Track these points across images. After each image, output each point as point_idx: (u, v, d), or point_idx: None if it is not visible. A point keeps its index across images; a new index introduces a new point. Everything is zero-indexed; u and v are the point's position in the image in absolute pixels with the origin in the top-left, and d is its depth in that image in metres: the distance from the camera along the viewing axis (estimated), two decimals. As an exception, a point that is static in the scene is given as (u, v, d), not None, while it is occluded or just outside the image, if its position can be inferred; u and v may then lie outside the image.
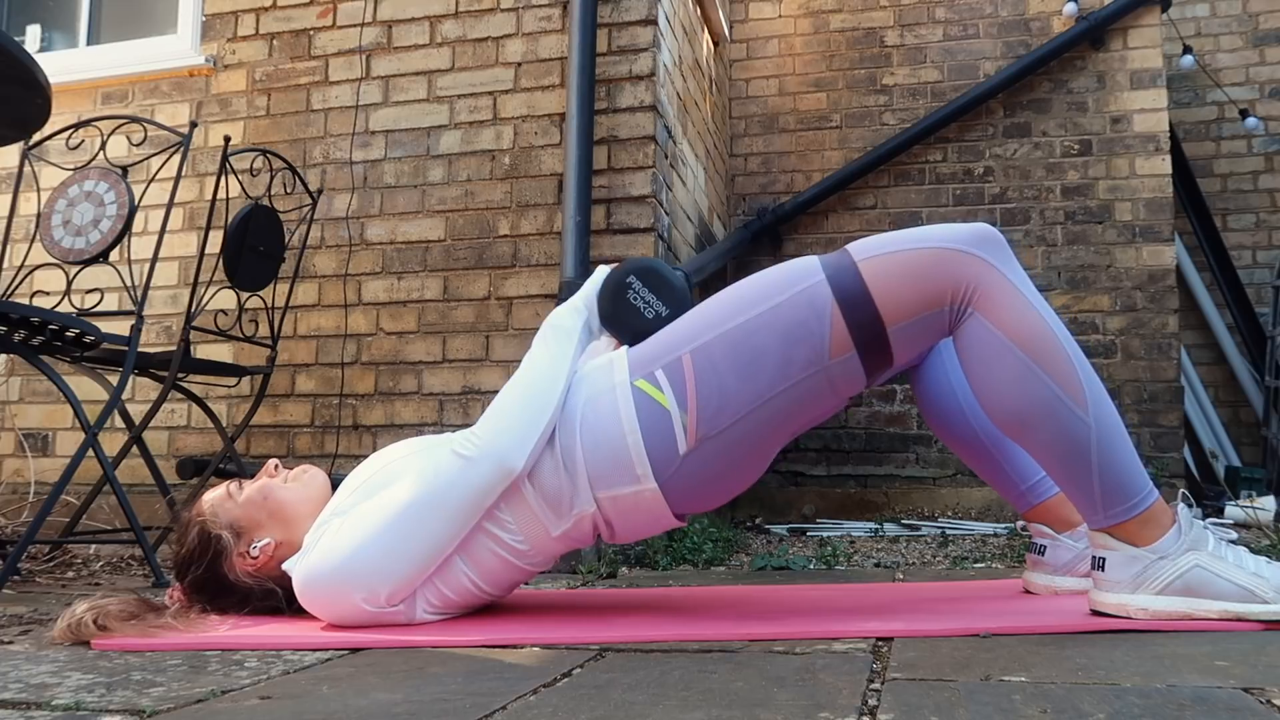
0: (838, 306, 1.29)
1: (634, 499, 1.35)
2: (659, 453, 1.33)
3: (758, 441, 1.35)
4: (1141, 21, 3.65)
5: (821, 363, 1.30)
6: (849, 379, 1.33)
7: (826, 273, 1.32)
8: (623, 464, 1.33)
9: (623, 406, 1.34)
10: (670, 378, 1.33)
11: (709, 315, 1.37)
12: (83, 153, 2.57)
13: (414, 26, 2.85)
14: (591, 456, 1.34)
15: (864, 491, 3.67)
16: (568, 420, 1.36)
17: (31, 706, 0.95)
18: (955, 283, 1.28)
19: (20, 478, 2.96)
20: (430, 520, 1.30)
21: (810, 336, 1.30)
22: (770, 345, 1.31)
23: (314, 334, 2.81)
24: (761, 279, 1.37)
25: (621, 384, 1.36)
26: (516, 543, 1.36)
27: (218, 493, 1.50)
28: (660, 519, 1.38)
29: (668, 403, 1.33)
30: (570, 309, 1.48)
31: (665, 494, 1.34)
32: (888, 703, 0.87)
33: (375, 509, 1.32)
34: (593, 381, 1.39)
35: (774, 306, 1.32)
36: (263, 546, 1.43)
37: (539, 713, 0.87)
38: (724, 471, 1.36)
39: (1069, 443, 1.24)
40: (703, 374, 1.32)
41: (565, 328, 1.45)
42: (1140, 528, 1.23)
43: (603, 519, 1.37)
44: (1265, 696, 0.86)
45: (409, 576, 1.31)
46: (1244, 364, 4.30)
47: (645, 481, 1.33)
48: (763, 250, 3.88)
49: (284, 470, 1.54)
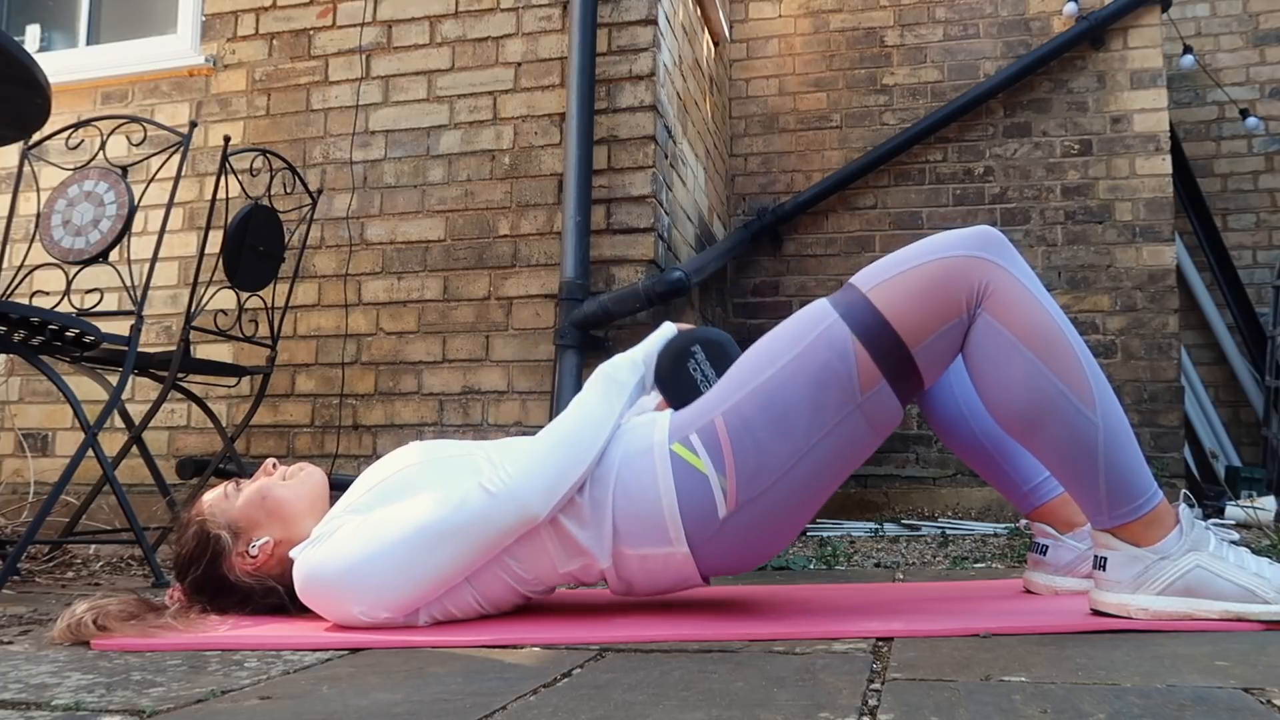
0: (857, 341, 1.28)
1: (664, 560, 1.34)
2: (696, 517, 1.31)
3: (801, 498, 1.33)
4: (1141, 21, 3.66)
5: (854, 401, 1.29)
6: (884, 412, 1.31)
7: (839, 311, 1.31)
8: (656, 526, 1.32)
9: (660, 469, 1.32)
10: (705, 441, 1.32)
11: (736, 376, 1.35)
12: (82, 153, 2.57)
13: (414, 26, 2.85)
14: (623, 515, 1.32)
15: (864, 491, 3.67)
16: (602, 473, 1.34)
17: (31, 706, 0.95)
18: (968, 289, 1.27)
19: (20, 478, 2.96)
20: (447, 549, 1.29)
21: (838, 378, 1.28)
22: (800, 395, 1.29)
23: (314, 334, 2.81)
24: (778, 334, 1.36)
25: (660, 445, 1.34)
26: (521, 571, 1.36)
27: (216, 493, 1.50)
28: (687, 580, 1.38)
29: (705, 467, 1.31)
30: (629, 364, 1.45)
31: (696, 558, 1.34)
32: (888, 703, 0.87)
33: (392, 521, 1.31)
34: (633, 439, 1.37)
35: (796, 356, 1.31)
36: (261, 545, 1.43)
37: (539, 713, 0.87)
38: (763, 533, 1.34)
39: (1076, 443, 1.24)
40: (737, 435, 1.30)
41: (621, 382, 1.42)
42: (1144, 528, 1.23)
43: (618, 576, 1.36)
44: (1265, 697, 0.86)
45: (412, 599, 1.30)
46: (1244, 364, 4.30)
47: (677, 545, 1.32)
48: (763, 250, 3.88)
49: (281, 468, 1.53)
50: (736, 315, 3.91)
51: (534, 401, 2.63)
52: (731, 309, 3.91)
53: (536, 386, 2.63)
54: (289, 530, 1.44)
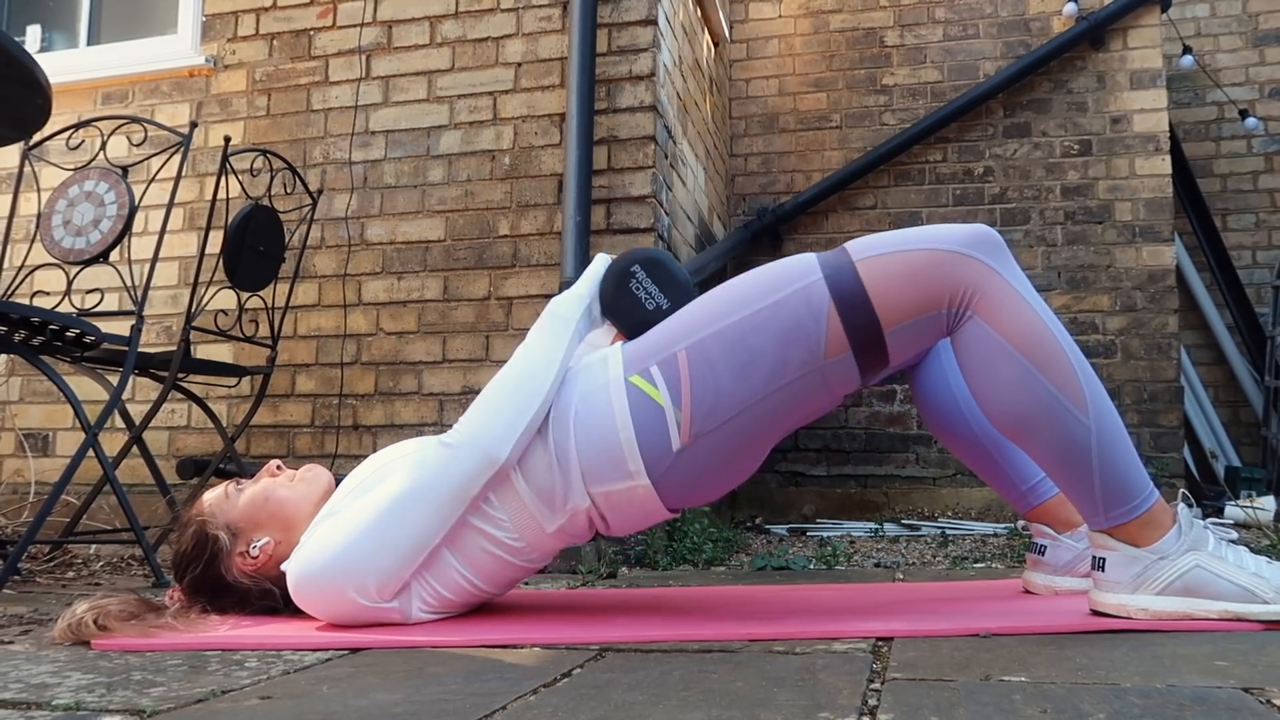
0: (835, 307, 1.29)
1: (627, 494, 1.35)
2: (652, 449, 1.32)
3: (752, 439, 1.34)
4: (1141, 21, 3.65)
5: (816, 363, 1.30)
6: (844, 378, 1.32)
7: (824, 272, 1.31)
8: (616, 460, 1.33)
9: (616, 403, 1.34)
10: (665, 374, 1.33)
11: (705, 312, 1.36)
12: (83, 153, 2.57)
13: (414, 26, 2.85)
14: (584, 452, 1.33)
15: (864, 491, 3.67)
16: (561, 414, 1.35)
17: (31, 706, 0.95)
18: (954, 285, 1.27)
19: (20, 478, 2.96)
20: (415, 511, 1.30)
21: (806, 337, 1.29)
22: (766, 344, 1.30)
23: (314, 334, 2.81)
24: (759, 275, 1.37)
25: (616, 380, 1.35)
26: (511, 540, 1.36)
27: (216, 493, 1.50)
28: (653, 513, 1.38)
29: (662, 399, 1.32)
30: (573, 297, 1.47)
31: (658, 489, 1.34)
32: (888, 703, 0.87)
33: (363, 506, 1.32)
34: (587, 376, 1.38)
35: (771, 304, 1.31)
36: (262, 546, 1.43)
37: (539, 713, 0.87)
38: (718, 468, 1.35)
39: (1069, 445, 1.24)
40: (698, 371, 1.32)
41: (564, 316, 1.43)
42: (1141, 529, 1.23)
43: (598, 514, 1.37)
44: (1265, 697, 0.86)
45: (396, 567, 1.31)
46: (1244, 364, 4.30)
47: (638, 478, 1.33)
48: (763, 250, 3.88)
49: (287, 470, 1.54)
50: (736, 315, 3.91)
51: (534, 401, 2.63)
52: (731, 309, 3.90)
53: (536, 386, 2.63)
54: (291, 532, 1.44)
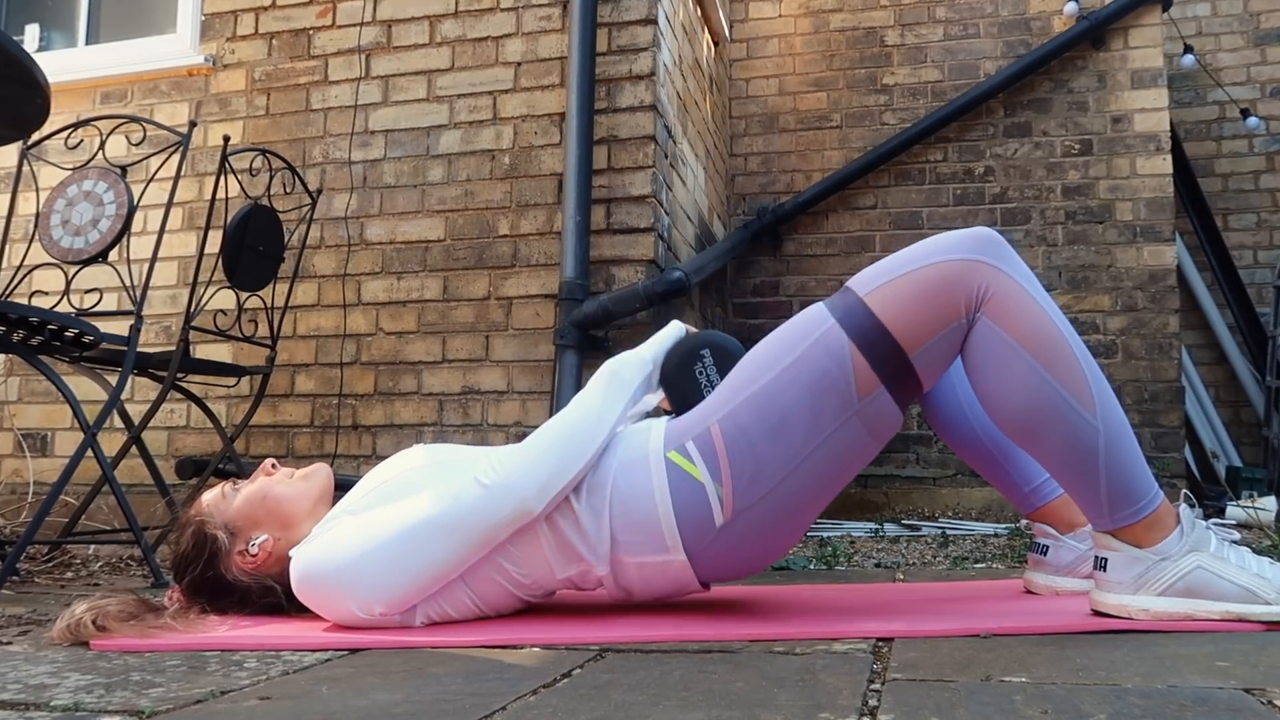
0: (855, 347, 1.27)
1: (661, 568, 1.33)
2: (692, 526, 1.30)
3: (798, 505, 1.32)
4: (1142, 21, 3.65)
5: (852, 407, 1.28)
6: (883, 418, 1.30)
7: (835, 316, 1.30)
8: (652, 534, 1.31)
9: (655, 477, 1.31)
10: (701, 449, 1.31)
11: (732, 383, 1.34)
12: (82, 152, 2.57)
13: (414, 26, 2.85)
14: (619, 523, 1.32)
15: (864, 491, 3.67)
16: (599, 479, 1.33)
17: (30, 707, 0.95)
18: (966, 293, 1.26)
19: (19, 478, 2.96)
20: (439, 543, 1.29)
21: (835, 384, 1.27)
22: (797, 401, 1.28)
23: (313, 334, 2.81)
24: (774, 339, 1.35)
25: (656, 453, 1.33)
26: (519, 575, 1.35)
27: (214, 493, 1.50)
28: (686, 586, 1.37)
29: (700, 475, 1.30)
30: (637, 362, 1.44)
31: (694, 566, 1.33)
32: (888, 703, 0.87)
33: (388, 518, 1.31)
34: (629, 446, 1.36)
35: (792, 361, 1.29)
36: (260, 544, 1.43)
37: (539, 713, 0.87)
38: (763, 539, 1.33)
39: (1077, 447, 1.23)
40: (733, 442, 1.29)
41: (624, 380, 1.40)
42: (1146, 530, 1.23)
43: (617, 584, 1.35)
44: (1266, 697, 0.86)
45: (406, 594, 1.30)
46: (1245, 364, 4.30)
47: (674, 553, 1.32)
48: (763, 250, 3.88)
49: (283, 468, 1.53)
50: (736, 315, 3.91)
51: (534, 401, 2.63)
52: (731, 309, 3.91)
53: (536, 386, 2.63)
54: (289, 530, 1.44)
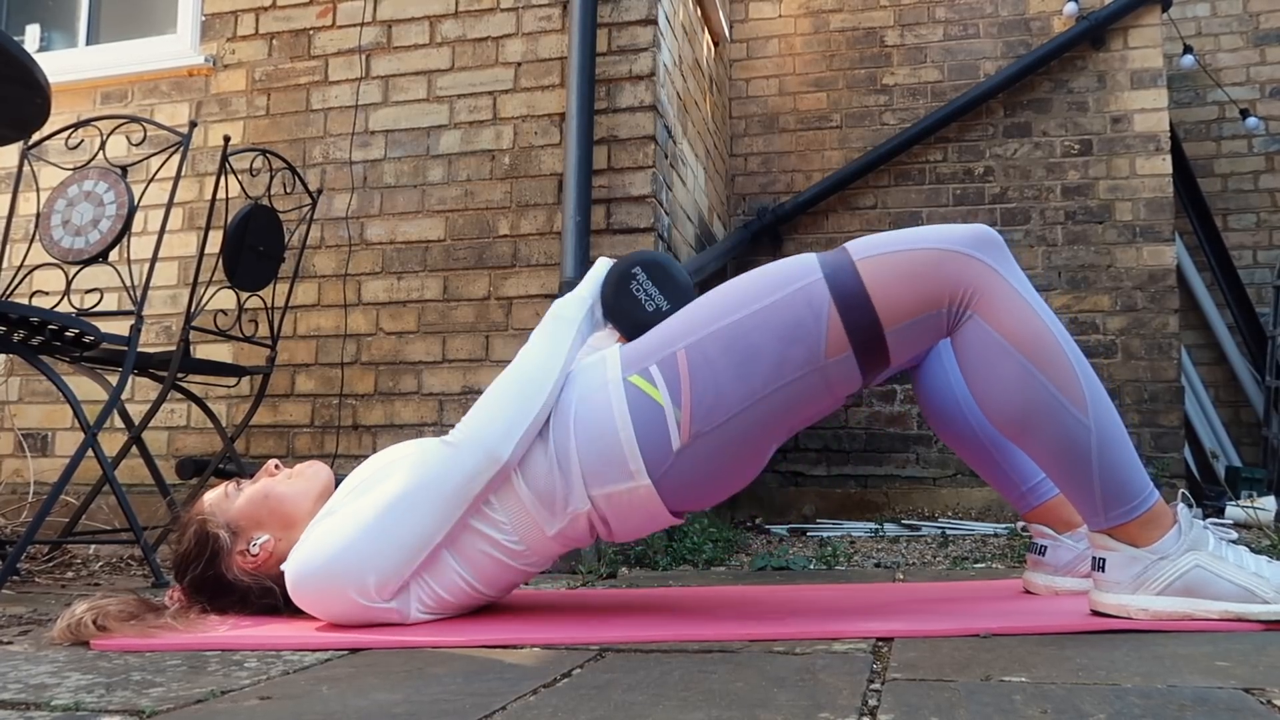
0: (835, 306, 1.28)
1: (628, 496, 1.34)
2: (652, 449, 1.32)
3: (752, 439, 1.34)
4: (1142, 21, 3.65)
5: (817, 362, 1.30)
6: (845, 379, 1.32)
7: (824, 271, 1.31)
8: (616, 461, 1.32)
9: (615, 403, 1.33)
10: (665, 373, 1.33)
11: (704, 311, 1.36)
12: (82, 153, 2.57)
13: (414, 26, 2.85)
14: (585, 453, 1.33)
15: (864, 491, 3.67)
16: (561, 416, 1.35)
17: (31, 707, 0.95)
18: (954, 285, 1.27)
19: (20, 478, 2.96)
20: (416, 509, 1.30)
21: (807, 336, 1.29)
22: (766, 343, 1.30)
23: (314, 334, 2.81)
24: (759, 275, 1.36)
25: (614, 380, 1.35)
26: (511, 543, 1.35)
27: (216, 493, 1.50)
28: (657, 516, 1.37)
29: (662, 399, 1.32)
30: (575, 299, 1.47)
31: (660, 491, 1.34)
32: (888, 703, 0.87)
33: (363, 505, 1.32)
34: (586, 377, 1.38)
35: (771, 304, 1.31)
36: (262, 544, 1.43)
37: (539, 713, 0.87)
38: (719, 469, 1.35)
39: (1069, 446, 1.24)
40: (697, 370, 1.31)
41: (567, 318, 1.44)
42: (1141, 529, 1.23)
43: (599, 517, 1.36)
44: (1265, 697, 0.86)
45: (396, 566, 1.30)
46: (1244, 364, 4.30)
47: (639, 478, 1.33)
48: (763, 250, 3.88)
49: (285, 469, 1.54)
50: (736, 315, 3.91)
51: (534, 401, 2.63)
52: (731, 309, 3.90)
53: (536, 386, 2.63)
54: (290, 530, 1.44)
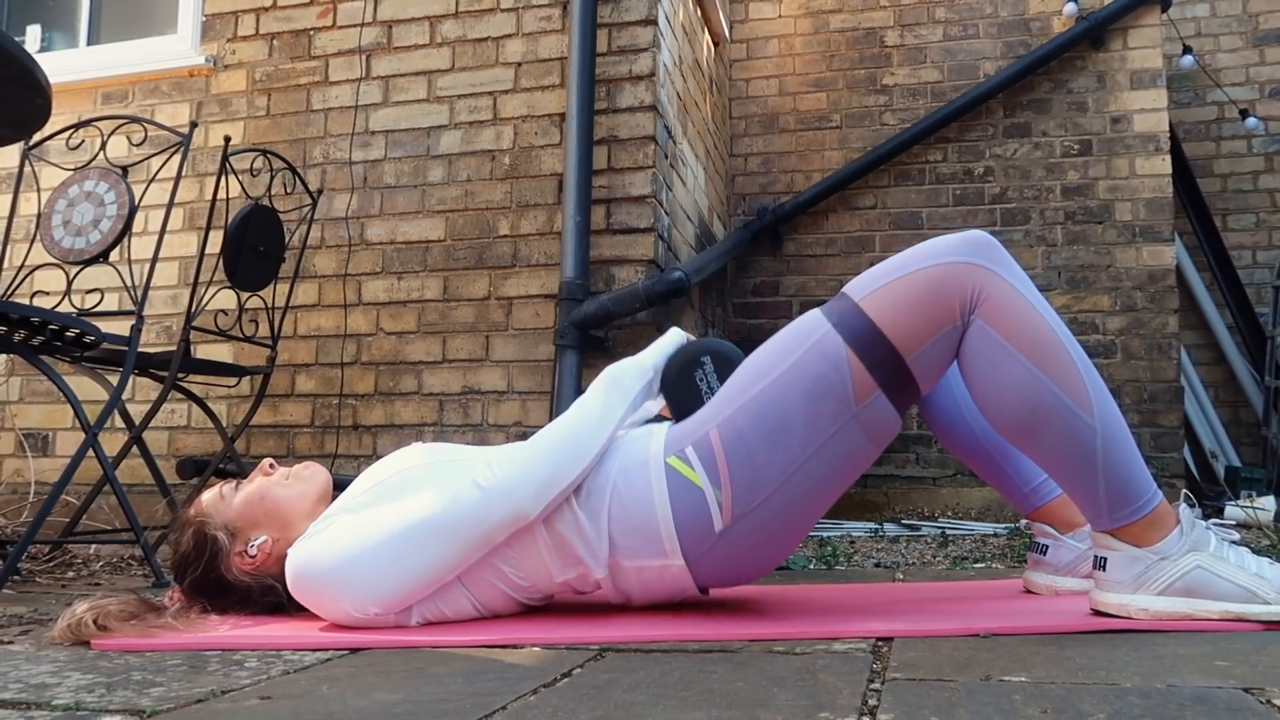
0: (851, 351, 1.28)
1: (659, 572, 1.34)
2: (691, 531, 1.31)
3: (797, 511, 1.32)
4: (1141, 21, 3.66)
5: (849, 411, 1.28)
6: (881, 422, 1.30)
7: (831, 321, 1.31)
8: (651, 539, 1.32)
9: (655, 482, 1.32)
10: (700, 454, 1.31)
11: (730, 389, 1.35)
12: (83, 153, 2.57)
13: (414, 26, 2.85)
14: (618, 526, 1.32)
15: (864, 491, 3.67)
16: (599, 483, 1.33)
17: (31, 706, 0.95)
18: (960, 295, 1.26)
19: (20, 478, 2.96)
20: (436, 544, 1.29)
21: (832, 389, 1.28)
22: (794, 406, 1.29)
23: (314, 334, 2.81)
24: (771, 346, 1.35)
25: (656, 459, 1.34)
26: (517, 578, 1.36)
27: (212, 493, 1.50)
28: (684, 591, 1.38)
29: (700, 481, 1.30)
30: (638, 368, 1.44)
31: (692, 570, 1.33)
32: (888, 703, 0.87)
33: (385, 518, 1.31)
34: (629, 451, 1.37)
35: (790, 367, 1.30)
36: (260, 545, 1.43)
37: (539, 713, 0.87)
38: (760, 546, 1.33)
39: (1074, 447, 1.23)
40: (731, 447, 1.30)
41: (626, 386, 1.40)
42: (1144, 529, 1.23)
43: (615, 587, 1.36)
44: (1265, 697, 0.86)
45: (402, 595, 1.30)
46: (1244, 364, 4.30)
47: (673, 558, 1.32)
48: (763, 250, 3.88)
49: (281, 468, 1.53)
50: (736, 315, 3.91)
51: (534, 402, 2.63)
52: (731, 309, 3.91)
53: (536, 387, 2.63)
54: (288, 530, 1.44)
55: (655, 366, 1.46)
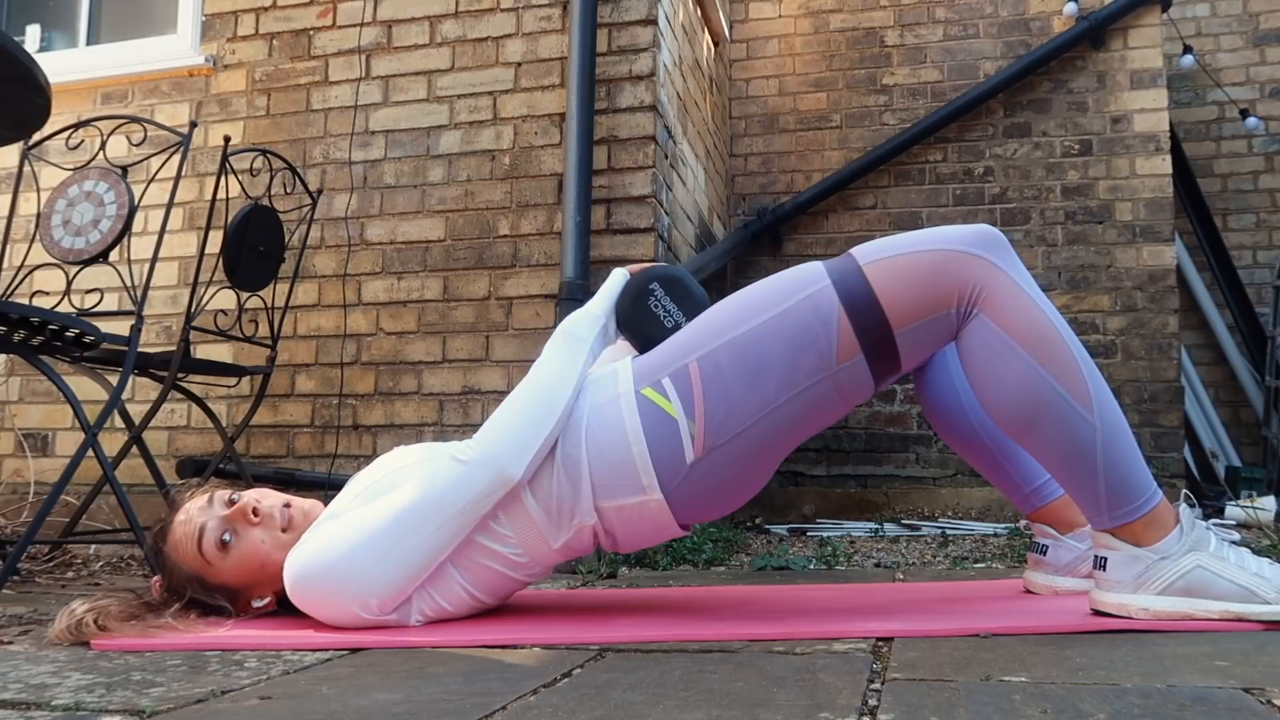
0: (844, 311, 1.29)
1: (639, 509, 1.34)
2: (665, 463, 1.32)
3: (764, 450, 1.34)
4: (1142, 21, 3.65)
5: (828, 369, 1.30)
6: (856, 385, 1.32)
7: (832, 278, 1.31)
8: (628, 474, 1.32)
9: (628, 416, 1.33)
10: (677, 386, 1.32)
11: (715, 323, 1.36)
12: (83, 153, 2.57)
13: (414, 26, 2.85)
14: (596, 466, 1.33)
15: (864, 491, 3.67)
16: (572, 428, 1.34)
17: (31, 706, 0.95)
18: (961, 285, 1.27)
19: (20, 478, 2.96)
20: (424, 526, 1.29)
21: (816, 342, 1.29)
22: (776, 352, 1.30)
23: (314, 334, 2.81)
24: (767, 285, 1.36)
25: (626, 393, 1.34)
26: (514, 555, 1.35)
27: (191, 553, 1.39)
28: (664, 529, 1.37)
29: (675, 411, 1.31)
30: (587, 316, 1.45)
31: (670, 503, 1.34)
32: (888, 703, 0.87)
33: (370, 513, 1.31)
34: (598, 390, 1.38)
35: (780, 313, 1.31)
36: (266, 603, 1.43)
37: (539, 713, 0.87)
38: (730, 481, 1.35)
39: (1074, 444, 1.24)
40: (710, 382, 1.31)
41: (579, 335, 1.42)
42: (1144, 528, 1.23)
43: (604, 529, 1.36)
44: (1265, 696, 0.86)
45: (400, 583, 1.30)
46: (1244, 364, 4.30)
47: (651, 492, 1.32)
48: (763, 250, 3.88)
49: (265, 509, 1.42)
50: (736, 315, 3.90)
51: (534, 401, 2.62)
52: (731, 309, 3.90)
53: (536, 386, 2.63)
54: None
55: (605, 312, 1.47)
